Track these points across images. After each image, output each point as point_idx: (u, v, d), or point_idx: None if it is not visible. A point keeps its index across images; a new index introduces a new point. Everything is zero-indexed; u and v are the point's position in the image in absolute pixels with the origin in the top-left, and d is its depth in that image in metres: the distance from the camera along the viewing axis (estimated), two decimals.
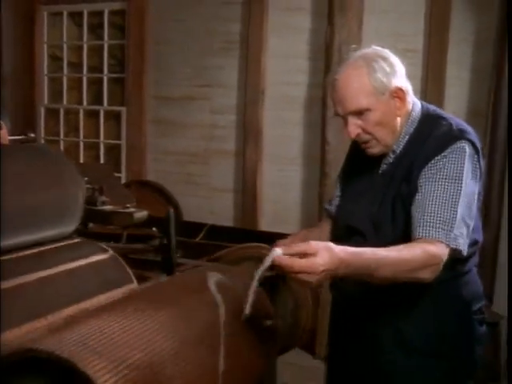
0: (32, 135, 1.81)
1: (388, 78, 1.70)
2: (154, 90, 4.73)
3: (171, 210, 1.98)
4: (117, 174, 4.79)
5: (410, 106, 1.78)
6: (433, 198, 1.64)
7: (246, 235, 3.21)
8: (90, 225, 2.05)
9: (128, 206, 2.00)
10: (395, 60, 1.77)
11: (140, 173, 4.74)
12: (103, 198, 1.98)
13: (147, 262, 2.07)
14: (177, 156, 4.68)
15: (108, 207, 1.97)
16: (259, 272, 1.44)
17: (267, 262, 1.41)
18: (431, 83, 3.91)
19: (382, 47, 1.83)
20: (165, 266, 1.90)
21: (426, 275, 1.58)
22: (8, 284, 1.38)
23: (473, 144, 1.71)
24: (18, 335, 1.29)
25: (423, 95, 3.92)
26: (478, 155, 1.72)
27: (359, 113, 1.71)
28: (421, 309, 1.76)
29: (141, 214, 1.96)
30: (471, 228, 1.68)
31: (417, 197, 1.68)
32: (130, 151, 4.82)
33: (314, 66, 4.19)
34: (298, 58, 4.26)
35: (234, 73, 4.46)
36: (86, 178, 1.93)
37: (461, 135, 1.70)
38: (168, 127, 4.70)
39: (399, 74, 1.74)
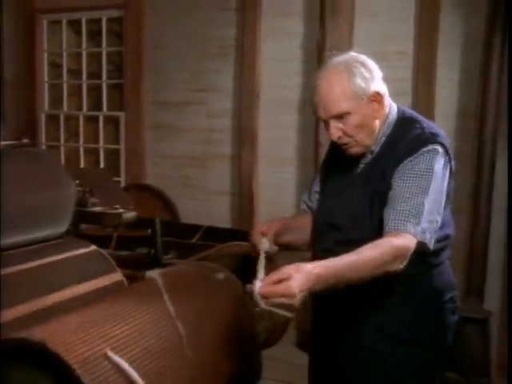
0: (25, 140, 1.88)
1: (367, 82, 1.80)
2: (151, 95, 4.81)
3: (157, 219, 2.06)
4: (116, 178, 4.87)
5: (387, 109, 1.88)
6: (402, 194, 1.75)
7: (241, 236, 3.28)
8: (82, 226, 2.12)
9: (117, 206, 2.08)
10: (373, 65, 1.86)
11: (139, 177, 4.82)
12: (94, 200, 2.06)
13: (136, 263, 2.14)
14: (175, 160, 4.76)
15: (98, 208, 2.05)
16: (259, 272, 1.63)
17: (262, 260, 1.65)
18: (421, 85, 3.97)
19: (373, 50, 1.93)
20: (152, 266, 1.98)
21: (395, 267, 1.67)
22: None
23: (443, 146, 1.81)
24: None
25: (414, 97, 4.00)
26: (449, 157, 1.83)
27: (340, 116, 1.80)
28: (397, 300, 1.84)
29: (129, 215, 2.04)
30: (439, 224, 1.77)
31: (389, 194, 1.78)
32: (128, 156, 4.91)
33: (307, 69, 4.26)
34: (291, 62, 4.33)
35: (229, 77, 4.54)
36: (77, 181, 2.01)
37: (432, 138, 1.81)
38: (166, 131, 4.78)
39: (377, 79, 1.84)
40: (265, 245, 1.95)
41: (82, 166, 5.19)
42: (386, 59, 4.07)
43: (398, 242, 1.67)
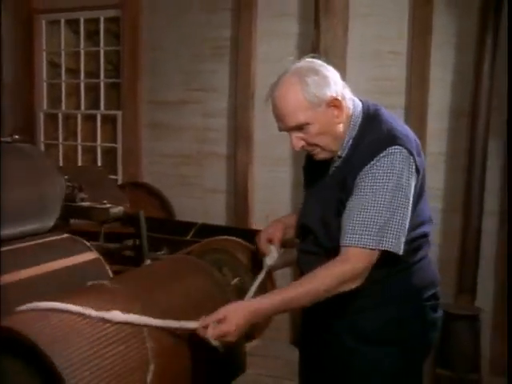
0: (17, 137, 1.92)
1: (322, 89, 1.76)
2: (148, 94, 4.85)
3: (141, 212, 2.10)
4: (113, 177, 4.91)
5: (349, 111, 1.84)
6: (359, 205, 1.73)
7: (235, 233, 3.31)
8: (71, 221, 2.16)
9: (105, 202, 2.12)
10: (327, 70, 1.81)
11: (136, 175, 4.86)
12: (82, 195, 2.10)
13: (122, 258, 2.18)
14: (171, 158, 4.80)
15: (86, 203, 2.09)
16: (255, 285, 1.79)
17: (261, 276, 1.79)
18: (415, 85, 4.00)
19: (365, 50, 1.92)
20: (136, 260, 2.03)
21: (350, 287, 1.71)
22: None
23: (405, 147, 1.75)
24: None
25: (407, 96, 4.03)
26: (413, 156, 1.76)
27: (299, 127, 1.78)
28: (376, 300, 1.84)
29: (117, 210, 2.08)
30: (405, 226, 1.74)
31: (347, 204, 1.77)
32: (125, 154, 4.95)
33: None
34: (286, 62, 4.33)
35: (225, 77, 4.58)
36: (66, 177, 2.04)
37: (392, 141, 1.75)
38: (162, 130, 4.82)
39: (333, 83, 1.79)
40: (271, 255, 2.02)
41: (79, 164, 5.23)
42: (379, 59, 4.12)
43: (345, 267, 1.70)
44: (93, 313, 1.44)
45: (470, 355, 3.43)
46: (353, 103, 1.86)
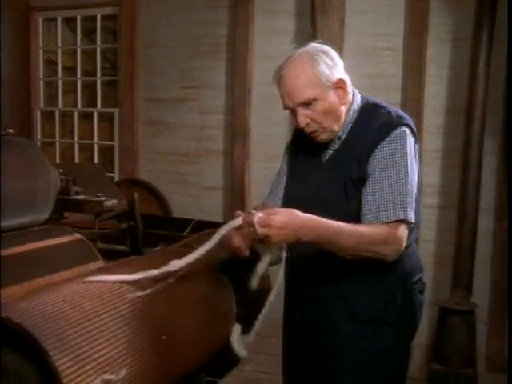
0: (10, 130, 1.92)
1: (330, 70, 1.86)
2: (145, 92, 4.85)
3: (136, 195, 2.10)
4: (110, 174, 4.91)
5: (350, 97, 1.95)
6: (385, 185, 1.81)
7: None
8: (66, 214, 2.16)
9: (99, 194, 2.12)
10: (335, 54, 1.94)
11: (133, 173, 4.85)
12: (77, 188, 2.11)
13: (117, 252, 2.18)
14: (168, 156, 4.80)
15: (80, 196, 2.09)
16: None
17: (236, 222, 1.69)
18: (411, 81, 4.01)
19: (362, 47, 1.99)
20: (132, 254, 2.02)
21: (387, 252, 1.79)
22: None
23: (410, 128, 1.90)
24: None
25: (403, 93, 4.03)
26: (415, 138, 1.91)
27: (308, 103, 1.85)
28: (368, 281, 1.91)
29: (111, 202, 2.09)
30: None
31: (368, 184, 1.84)
32: (122, 152, 4.95)
33: None
34: (283, 59, 4.35)
35: (221, 74, 4.58)
36: (60, 170, 2.04)
37: (400, 121, 1.89)
38: (159, 128, 4.82)
39: (339, 67, 1.91)
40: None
41: (76, 162, 5.22)
42: (376, 56, 4.13)
43: (393, 231, 1.79)
44: (154, 272, 1.55)
45: (466, 351, 3.44)
46: (352, 90, 1.96)
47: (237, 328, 1.74)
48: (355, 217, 1.85)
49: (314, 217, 1.70)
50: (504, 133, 3.81)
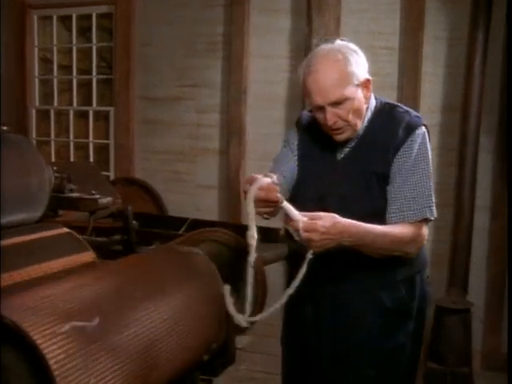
0: (5, 128, 1.91)
1: (360, 69, 1.87)
2: (141, 90, 4.84)
3: (129, 207, 2.09)
4: (106, 173, 4.90)
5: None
6: (412, 184, 1.88)
7: (225, 227, 3.31)
8: (60, 212, 2.15)
9: (94, 192, 2.11)
10: (361, 53, 1.93)
11: (128, 171, 4.84)
12: (71, 186, 2.10)
13: (112, 252, 2.16)
14: (164, 155, 4.79)
15: (75, 194, 2.08)
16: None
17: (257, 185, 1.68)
18: (407, 79, 4.01)
19: (359, 45, 1.99)
20: (125, 255, 2.02)
21: (412, 250, 1.89)
22: None
23: (426, 127, 1.96)
24: None
25: (399, 91, 4.03)
26: (429, 137, 1.97)
27: (339, 102, 1.84)
28: (392, 274, 1.96)
29: (105, 200, 2.08)
30: None
31: (395, 183, 1.89)
32: (118, 150, 4.94)
33: (294, 65, 4.30)
34: (278, 58, 4.37)
35: (217, 73, 4.58)
36: (54, 168, 2.03)
37: (420, 121, 1.95)
38: (155, 127, 4.81)
39: (366, 66, 1.91)
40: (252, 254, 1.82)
41: (71, 160, 5.21)
42: (372, 54, 4.04)
43: (416, 229, 1.86)
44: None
45: (462, 349, 3.44)
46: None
47: (226, 289, 1.69)
48: (378, 212, 1.89)
49: (354, 222, 1.74)
50: (500, 131, 3.81)
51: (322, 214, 1.69)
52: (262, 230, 3.73)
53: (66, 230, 1.77)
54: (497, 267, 3.89)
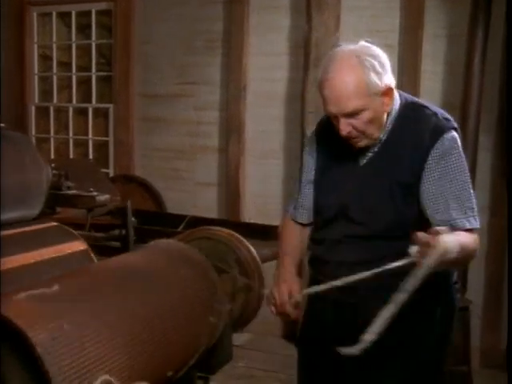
0: (2, 125, 1.91)
1: (380, 77, 1.74)
2: (140, 87, 4.84)
3: (129, 202, 2.10)
4: (105, 170, 4.91)
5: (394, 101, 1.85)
6: (452, 191, 1.79)
7: (224, 225, 3.32)
8: (58, 209, 2.16)
9: (91, 189, 2.12)
10: (384, 57, 1.80)
11: (128, 169, 4.85)
12: (68, 183, 2.10)
13: (109, 248, 2.17)
14: (163, 152, 4.79)
15: (72, 191, 2.09)
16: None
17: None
18: (407, 77, 4.00)
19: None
20: (123, 251, 2.02)
21: (472, 259, 1.85)
22: None
23: (457, 130, 1.86)
24: None
25: (399, 89, 4.00)
26: (460, 140, 1.87)
27: (354, 113, 1.74)
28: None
29: (103, 198, 2.08)
30: None
31: (429, 191, 1.79)
32: (117, 148, 4.94)
33: (293, 63, 4.30)
34: (278, 55, 4.37)
35: (217, 70, 4.58)
36: (52, 165, 2.03)
37: (450, 124, 1.85)
38: (154, 124, 4.81)
39: (388, 72, 1.79)
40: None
41: (71, 157, 5.21)
42: None
43: (476, 237, 1.79)
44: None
45: (460, 348, 3.43)
46: (394, 92, 1.86)
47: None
48: (402, 222, 1.81)
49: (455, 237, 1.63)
50: (499, 129, 3.81)
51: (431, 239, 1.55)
52: (259, 228, 3.77)
53: (55, 223, 1.78)
54: (495, 265, 3.89)
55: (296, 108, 4.18)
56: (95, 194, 2.10)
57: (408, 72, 4.00)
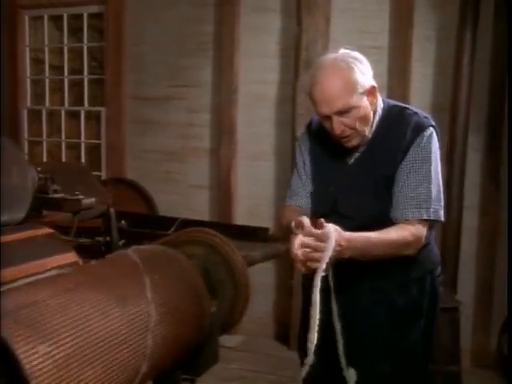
0: None
1: (365, 77, 1.89)
2: (132, 90, 4.84)
3: (112, 209, 2.10)
4: (97, 173, 4.91)
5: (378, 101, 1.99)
6: (411, 183, 1.91)
7: (215, 227, 3.32)
8: (44, 212, 2.16)
9: (77, 193, 2.12)
10: (365, 60, 1.95)
11: (119, 171, 4.84)
12: (55, 187, 2.10)
13: (93, 250, 2.17)
14: (155, 154, 4.79)
15: (58, 195, 2.09)
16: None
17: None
18: (396, 79, 4.02)
19: (349, 45, 2.00)
20: (106, 253, 2.03)
21: (410, 252, 1.89)
22: None
23: (435, 128, 1.98)
24: None
25: (389, 91, 4.03)
26: (438, 137, 1.99)
27: (344, 111, 1.87)
28: (405, 274, 1.99)
29: (89, 201, 2.08)
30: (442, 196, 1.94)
31: (398, 183, 1.92)
32: (109, 150, 4.94)
33: (284, 65, 4.31)
34: (269, 58, 4.38)
35: (208, 72, 4.58)
36: (38, 168, 2.04)
37: (428, 122, 1.97)
38: (146, 126, 4.81)
39: (370, 73, 1.94)
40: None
41: (63, 160, 5.21)
42: (361, 54, 4.10)
43: (413, 230, 1.87)
44: None
45: (450, 348, 3.45)
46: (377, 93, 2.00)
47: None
48: (386, 215, 1.92)
49: (354, 234, 1.74)
50: (488, 130, 3.83)
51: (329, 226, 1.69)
52: (250, 230, 3.77)
53: (45, 230, 1.78)
54: (486, 265, 3.90)
55: (287, 110, 4.19)
56: (81, 197, 2.11)
57: (398, 73, 4.02)
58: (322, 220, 1.69)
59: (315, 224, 1.71)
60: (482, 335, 3.93)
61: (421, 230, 1.89)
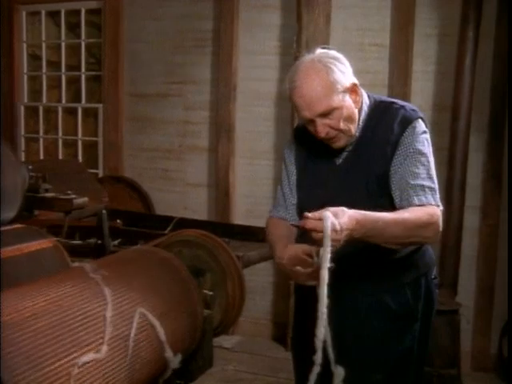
0: None
1: (344, 76, 1.84)
2: (129, 87, 4.79)
3: (104, 212, 2.05)
4: (94, 171, 4.86)
5: (361, 97, 1.93)
6: (410, 172, 1.84)
7: (212, 227, 3.28)
8: (36, 212, 2.11)
9: (69, 192, 2.07)
10: (343, 58, 1.89)
11: (116, 169, 4.80)
12: (46, 186, 2.05)
13: (85, 251, 2.13)
14: (152, 152, 4.74)
15: (50, 194, 2.04)
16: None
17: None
18: (397, 77, 3.98)
19: (348, 42, 1.97)
20: (99, 253, 1.99)
21: (430, 233, 1.78)
22: None
23: (423, 120, 1.93)
24: None
25: (390, 89, 3.99)
26: (427, 128, 1.94)
27: (327, 113, 1.82)
28: (398, 277, 1.95)
29: (81, 200, 2.04)
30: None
31: (397, 175, 1.86)
32: (106, 148, 4.89)
33: (283, 62, 4.26)
34: (268, 55, 4.33)
35: (206, 69, 4.53)
36: (30, 167, 1.99)
37: (416, 115, 1.92)
38: (144, 124, 4.76)
39: (350, 71, 1.88)
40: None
41: (60, 158, 5.17)
42: (362, 51, 4.08)
43: (429, 209, 1.79)
44: None
45: (450, 351, 3.41)
46: (361, 89, 1.95)
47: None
48: (381, 210, 1.81)
49: (361, 211, 1.65)
50: (490, 129, 3.78)
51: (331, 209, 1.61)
52: (248, 229, 3.72)
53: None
54: (486, 267, 3.86)
55: (286, 108, 4.14)
56: (73, 196, 2.07)
57: (399, 71, 3.97)
58: (307, 213, 1.61)
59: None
60: (482, 338, 3.88)
61: (435, 210, 1.81)
